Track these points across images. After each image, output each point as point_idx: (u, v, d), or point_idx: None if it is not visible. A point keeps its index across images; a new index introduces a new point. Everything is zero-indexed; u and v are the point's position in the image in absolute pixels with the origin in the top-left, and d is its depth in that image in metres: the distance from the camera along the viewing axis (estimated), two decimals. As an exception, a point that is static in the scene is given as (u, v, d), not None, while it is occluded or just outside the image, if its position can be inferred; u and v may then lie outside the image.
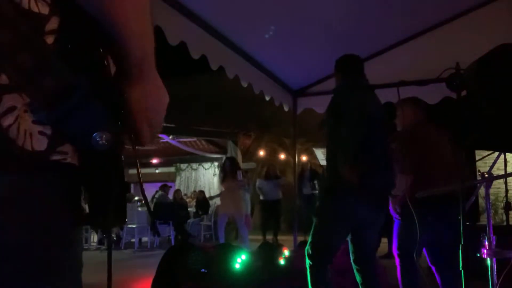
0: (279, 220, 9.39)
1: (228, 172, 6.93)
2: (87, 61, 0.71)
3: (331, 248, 2.75)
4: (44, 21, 0.67)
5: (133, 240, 9.48)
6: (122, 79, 0.77)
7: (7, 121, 0.63)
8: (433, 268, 3.10)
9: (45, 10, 0.68)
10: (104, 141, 0.67)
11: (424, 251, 3.14)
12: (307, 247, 2.75)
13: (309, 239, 2.78)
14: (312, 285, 2.70)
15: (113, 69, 0.78)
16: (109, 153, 0.70)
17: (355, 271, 2.85)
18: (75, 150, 0.69)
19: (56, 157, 0.67)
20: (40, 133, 0.66)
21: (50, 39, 0.67)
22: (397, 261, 3.11)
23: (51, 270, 0.69)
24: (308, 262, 2.71)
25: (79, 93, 0.66)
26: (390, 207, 3.17)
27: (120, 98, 0.76)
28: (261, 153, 13.18)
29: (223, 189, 6.95)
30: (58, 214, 0.70)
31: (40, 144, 0.66)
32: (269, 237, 9.09)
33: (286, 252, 4.24)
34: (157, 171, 16.83)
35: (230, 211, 6.80)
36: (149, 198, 10.22)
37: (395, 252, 3.13)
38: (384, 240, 6.59)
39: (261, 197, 9.11)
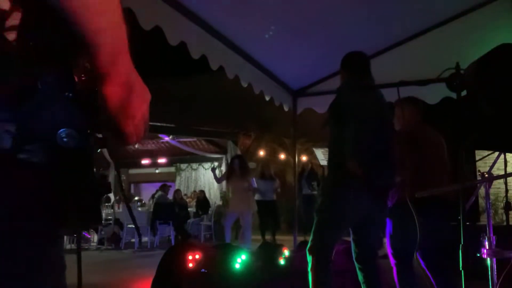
0: (277, 220, 9.36)
1: (237, 171, 6.85)
2: (52, 57, 0.68)
3: (332, 244, 2.75)
4: (4, 17, 0.65)
5: (133, 240, 9.48)
6: (95, 75, 0.74)
7: None
8: (426, 270, 3.08)
9: (5, 5, 0.65)
10: (69, 138, 0.66)
11: (417, 253, 3.12)
12: (309, 246, 2.74)
13: (311, 237, 2.77)
14: (314, 283, 2.69)
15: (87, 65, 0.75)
16: (77, 151, 0.68)
17: (357, 269, 2.85)
18: (41, 149, 0.67)
19: (22, 155, 0.65)
20: (5, 131, 0.64)
21: (11, 36, 0.65)
22: (392, 261, 3.10)
23: (23, 270, 0.67)
24: (310, 259, 2.70)
25: (44, 91, 0.65)
26: None
27: (92, 95, 0.73)
28: (261, 153, 13.17)
29: (230, 188, 6.94)
30: (26, 214, 0.68)
31: (4, 142, 0.64)
32: (268, 237, 9.08)
33: (286, 252, 4.23)
34: (157, 171, 16.85)
35: (239, 210, 6.77)
36: (149, 198, 10.26)
37: (389, 252, 3.12)
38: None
39: (256, 197, 9.04)
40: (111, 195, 12.99)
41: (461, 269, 1.74)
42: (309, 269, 2.71)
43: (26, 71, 0.64)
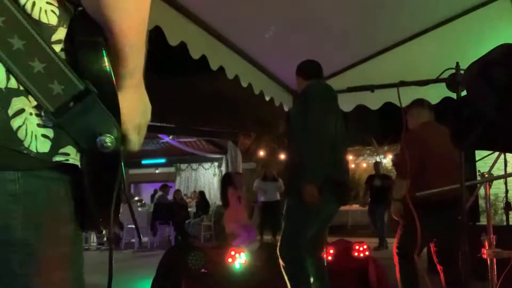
0: (279, 221, 9.40)
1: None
2: (92, 68, 0.74)
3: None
4: (52, 32, 0.72)
5: (133, 240, 9.48)
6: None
7: (17, 122, 0.67)
8: (440, 268, 3.13)
9: (53, 20, 0.72)
10: (108, 144, 0.72)
11: (432, 251, 3.18)
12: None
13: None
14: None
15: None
16: (111, 156, 0.74)
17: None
18: (77, 152, 0.73)
19: (58, 158, 0.71)
20: (43, 136, 0.70)
21: (57, 48, 0.71)
22: (395, 258, 3.16)
23: (54, 266, 0.74)
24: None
25: (86, 99, 0.71)
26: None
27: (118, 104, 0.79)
28: (261, 153, 13.17)
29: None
30: (61, 213, 0.75)
31: (44, 146, 0.70)
32: (269, 237, 9.12)
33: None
34: (157, 171, 16.85)
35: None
36: (148, 198, 10.36)
37: (395, 251, 3.19)
38: (390, 241, 6.57)
39: (262, 198, 9.15)
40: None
41: (461, 269, 1.74)
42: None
43: (70, 79, 0.70)
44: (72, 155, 0.73)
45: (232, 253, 3.83)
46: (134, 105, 0.83)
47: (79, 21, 0.75)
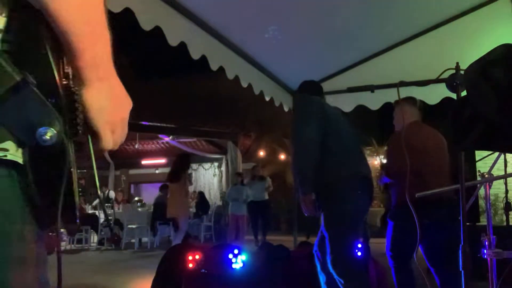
0: (267, 219, 9.47)
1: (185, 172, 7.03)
2: (32, 59, 0.70)
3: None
4: None
5: (133, 240, 9.49)
6: (77, 80, 0.76)
7: None
8: (432, 270, 3.10)
9: None
10: (47, 137, 0.67)
11: (423, 253, 3.13)
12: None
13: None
14: None
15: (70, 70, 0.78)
16: (53, 150, 0.70)
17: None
18: (18, 147, 0.69)
19: None
20: None
21: None
22: (390, 262, 3.12)
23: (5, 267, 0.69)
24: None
25: (23, 91, 0.66)
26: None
27: (70, 97, 0.75)
28: (261, 153, 13.18)
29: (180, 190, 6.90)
30: (7, 211, 0.69)
31: None
32: (260, 237, 9.17)
33: (286, 252, 4.23)
34: (157, 171, 16.84)
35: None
36: (149, 199, 10.29)
37: (387, 253, 3.14)
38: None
39: (249, 198, 9.21)
40: (112, 195, 12.99)
41: (461, 269, 1.74)
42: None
43: (6, 71, 0.66)
44: (11, 151, 0.68)
45: (232, 253, 3.83)
46: (102, 100, 0.77)
47: (21, 12, 0.70)
